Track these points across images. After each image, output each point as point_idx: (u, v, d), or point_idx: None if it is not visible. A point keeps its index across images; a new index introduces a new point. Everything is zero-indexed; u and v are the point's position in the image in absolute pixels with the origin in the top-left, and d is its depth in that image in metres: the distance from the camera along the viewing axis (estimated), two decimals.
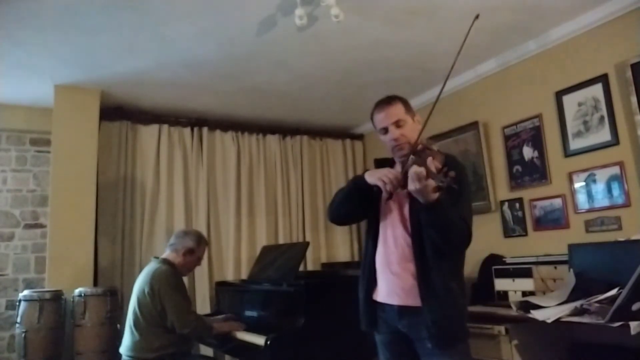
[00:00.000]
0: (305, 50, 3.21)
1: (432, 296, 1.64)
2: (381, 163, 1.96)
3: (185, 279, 2.99)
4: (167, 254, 2.84)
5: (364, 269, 1.88)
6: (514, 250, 3.18)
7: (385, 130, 1.80)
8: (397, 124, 1.77)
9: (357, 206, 1.89)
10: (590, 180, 2.86)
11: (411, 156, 1.63)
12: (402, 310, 1.71)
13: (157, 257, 2.84)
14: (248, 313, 3.05)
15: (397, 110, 1.80)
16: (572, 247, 2.55)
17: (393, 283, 1.74)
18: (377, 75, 3.64)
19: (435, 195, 1.49)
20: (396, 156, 1.83)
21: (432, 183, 1.45)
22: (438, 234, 1.60)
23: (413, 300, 1.67)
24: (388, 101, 1.83)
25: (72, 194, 3.49)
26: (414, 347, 1.73)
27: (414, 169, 1.47)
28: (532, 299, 2.34)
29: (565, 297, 2.26)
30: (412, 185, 1.48)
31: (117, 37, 2.91)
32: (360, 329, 1.88)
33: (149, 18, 2.72)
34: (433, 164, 1.50)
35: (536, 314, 2.14)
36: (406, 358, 1.77)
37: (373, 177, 1.73)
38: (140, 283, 2.71)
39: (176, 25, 2.82)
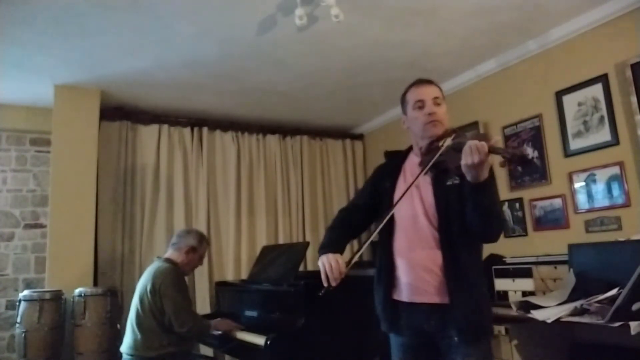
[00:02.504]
0: (305, 50, 3.21)
1: (461, 291, 1.57)
2: (392, 155, 1.89)
3: (185, 279, 2.99)
4: (169, 253, 2.85)
5: (381, 268, 1.77)
6: (514, 250, 3.18)
7: (421, 104, 1.70)
8: (436, 101, 1.71)
9: (356, 233, 1.88)
10: (590, 180, 2.86)
11: (449, 138, 1.59)
12: (430, 309, 1.62)
13: (159, 257, 2.85)
14: (248, 313, 3.05)
15: (437, 90, 1.75)
16: (572, 247, 2.55)
17: (419, 281, 1.64)
18: (377, 75, 3.65)
19: (487, 174, 1.44)
20: (427, 135, 1.69)
21: (488, 158, 1.39)
22: (482, 217, 1.53)
23: (441, 297, 1.60)
24: (429, 81, 1.78)
25: (72, 194, 3.50)
26: (435, 348, 1.67)
27: (474, 142, 1.40)
28: (532, 299, 2.34)
29: (565, 297, 2.26)
30: (469, 159, 1.40)
31: (117, 37, 2.91)
32: (380, 329, 1.78)
33: (149, 18, 2.72)
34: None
35: (536, 314, 2.14)
36: None
37: (320, 261, 1.69)
38: (143, 282, 2.72)
39: (176, 25, 2.82)
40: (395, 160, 1.86)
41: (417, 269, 1.65)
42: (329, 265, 1.63)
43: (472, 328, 1.59)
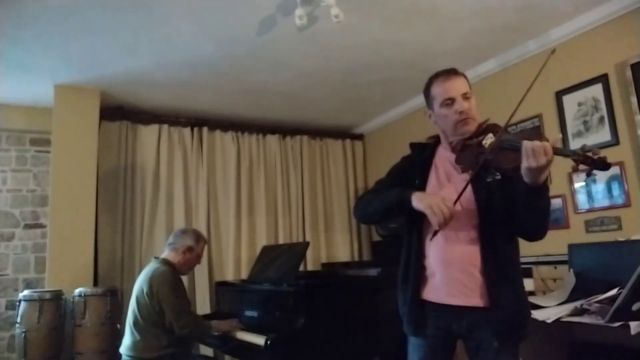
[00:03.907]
0: (305, 50, 3.21)
1: (502, 292, 1.49)
2: (418, 147, 1.79)
3: (185, 279, 2.99)
4: (166, 253, 2.84)
5: (409, 267, 1.66)
6: None
7: (451, 102, 1.59)
8: (465, 95, 1.60)
9: (395, 216, 1.71)
10: (590, 180, 2.85)
11: (490, 135, 1.49)
12: (463, 311, 1.53)
13: (156, 258, 2.84)
14: (248, 313, 3.05)
15: (465, 82, 1.63)
16: (572, 247, 2.55)
17: (455, 281, 1.54)
18: (377, 75, 3.64)
19: (546, 175, 1.36)
20: (459, 133, 1.59)
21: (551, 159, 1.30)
22: (537, 219, 1.47)
23: (478, 299, 1.51)
24: (455, 72, 1.64)
25: (72, 194, 3.49)
26: (453, 346, 1.61)
27: (534, 143, 1.30)
28: (532, 299, 2.33)
29: (565, 297, 2.26)
30: (533, 162, 1.30)
31: (117, 37, 2.91)
32: (404, 331, 1.69)
33: (149, 18, 2.72)
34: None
35: (536, 314, 2.14)
36: None
37: (422, 203, 1.49)
38: (139, 283, 2.71)
39: (176, 25, 2.82)
40: (422, 153, 1.76)
41: (452, 268, 1.55)
42: (439, 206, 1.44)
43: (514, 332, 1.53)
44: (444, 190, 1.60)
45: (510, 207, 1.51)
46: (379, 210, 1.68)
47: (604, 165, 1.28)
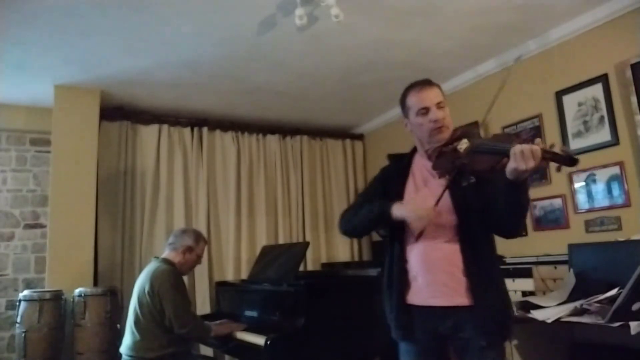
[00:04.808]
0: (305, 50, 3.21)
1: (485, 290, 1.54)
2: (396, 158, 1.85)
3: (185, 279, 2.99)
4: (166, 253, 2.84)
5: (392, 272, 1.70)
6: (514, 250, 3.17)
7: (425, 111, 1.65)
8: (439, 105, 1.66)
9: (378, 228, 1.79)
10: (590, 180, 2.86)
11: (463, 140, 1.55)
12: (447, 311, 1.57)
13: (157, 257, 2.84)
14: (248, 313, 3.05)
15: (439, 92, 1.70)
16: (572, 247, 2.55)
17: (438, 283, 1.58)
18: (377, 75, 3.64)
19: (528, 174, 1.40)
20: (434, 140, 1.65)
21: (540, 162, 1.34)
22: (516, 213, 1.52)
23: (461, 298, 1.55)
24: (429, 82, 1.72)
25: (72, 194, 3.49)
26: (445, 349, 1.64)
27: (524, 146, 1.34)
28: (532, 299, 2.34)
29: (565, 297, 2.26)
30: (522, 164, 1.34)
31: (117, 37, 2.91)
32: (392, 338, 1.71)
33: (149, 18, 2.72)
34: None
35: (536, 314, 2.14)
36: None
37: (402, 210, 1.59)
38: (140, 282, 2.71)
39: (176, 25, 2.82)
40: (400, 163, 1.82)
41: (434, 269, 1.59)
42: (419, 210, 1.55)
43: (498, 330, 1.56)
44: (421, 194, 1.67)
45: (486, 207, 1.56)
46: (362, 223, 1.76)
47: (571, 160, 1.33)
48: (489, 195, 1.54)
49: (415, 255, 1.63)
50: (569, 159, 1.33)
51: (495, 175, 1.45)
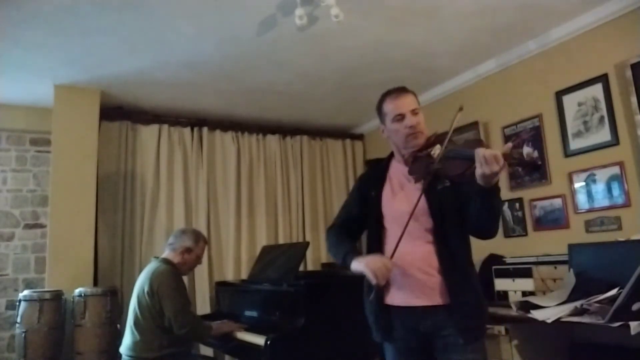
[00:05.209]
0: (305, 50, 3.21)
1: (461, 290, 1.61)
2: (374, 163, 1.93)
3: (185, 279, 2.99)
4: (166, 253, 2.85)
5: None
6: (514, 250, 3.18)
7: (401, 117, 1.73)
8: (414, 111, 1.73)
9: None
10: (590, 180, 2.86)
11: (437, 146, 1.62)
12: (427, 310, 1.63)
13: (157, 257, 2.84)
14: (248, 313, 3.05)
15: (414, 99, 1.77)
16: (572, 247, 2.55)
17: (416, 283, 1.65)
18: (377, 75, 3.64)
19: (497, 179, 1.48)
20: (409, 146, 1.72)
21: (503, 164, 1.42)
22: (490, 217, 1.58)
23: (439, 298, 1.62)
24: (404, 89, 1.79)
25: (72, 194, 3.49)
26: (429, 347, 1.67)
27: (486, 151, 1.42)
28: (532, 299, 2.34)
29: (565, 297, 2.26)
30: (486, 169, 1.41)
31: (117, 37, 2.91)
32: (373, 339, 1.78)
33: (149, 18, 2.72)
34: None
35: (536, 314, 2.14)
36: None
37: (360, 266, 1.63)
38: (140, 283, 2.71)
39: (176, 25, 2.82)
40: (378, 168, 1.89)
41: (412, 271, 1.66)
42: (375, 265, 1.59)
43: (475, 327, 1.62)
44: (397, 199, 1.74)
45: (461, 209, 1.64)
46: (335, 259, 1.83)
47: (534, 165, 1.47)
48: (464, 198, 1.61)
49: (394, 257, 1.67)
50: (532, 164, 1.46)
51: (467, 179, 1.52)
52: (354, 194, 1.96)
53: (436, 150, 1.62)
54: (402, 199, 1.72)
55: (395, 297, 1.70)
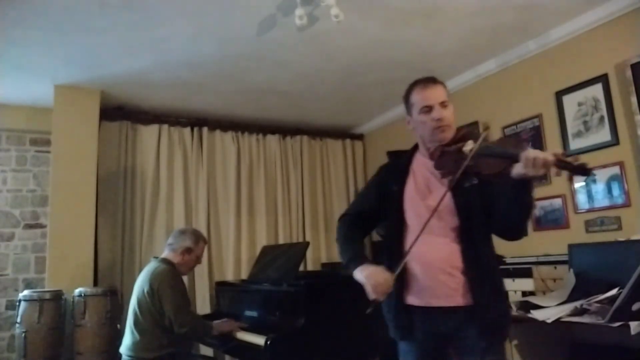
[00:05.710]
0: (305, 50, 3.21)
1: (484, 292, 1.54)
2: (396, 155, 1.84)
3: (185, 279, 2.99)
4: (166, 253, 2.85)
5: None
6: (514, 250, 3.17)
7: (428, 109, 1.62)
8: (443, 104, 1.63)
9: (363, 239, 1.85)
10: (590, 180, 2.86)
11: (470, 142, 1.52)
12: (449, 311, 1.56)
13: (156, 257, 2.84)
14: (248, 313, 3.05)
15: (443, 90, 1.67)
16: (572, 247, 2.55)
17: (437, 283, 1.58)
18: (377, 75, 3.64)
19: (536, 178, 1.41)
20: (436, 139, 1.62)
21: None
22: (522, 212, 1.51)
23: (460, 299, 1.55)
24: (434, 79, 1.69)
25: (72, 194, 3.49)
26: (447, 348, 1.63)
27: (538, 154, 1.33)
28: (532, 299, 2.34)
29: (565, 297, 2.26)
30: (531, 171, 1.34)
31: (117, 37, 2.91)
32: (391, 337, 1.72)
33: (149, 18, 2.72)
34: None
35: (536, 314, 2.14)
36: None
37: (361, 276, 1.58)
38: (140, 283, 2.71)
39: (176, 25, 2.82)
40: (400, 161, 1.79)
41: (433, 270, 1.58)
42: (375, 280, 1.53)
43: (498, 330, 1.57)
44: (421, 194, 1.65)
45: (488, 208, 1.56)
46: (341, 259, 1.80)
47: (584, 171, 1.33)
48: (491, 197, 1.54)
49: (415, 255, 1.60)
50: (582, 170, 1.32)
51: (501, 178, 1.44)
52: (372, 186, 1.86)
53: (468, 146, 1.52)
54: (426, 195, 1.64)
55: (416, 297, 1.63)
